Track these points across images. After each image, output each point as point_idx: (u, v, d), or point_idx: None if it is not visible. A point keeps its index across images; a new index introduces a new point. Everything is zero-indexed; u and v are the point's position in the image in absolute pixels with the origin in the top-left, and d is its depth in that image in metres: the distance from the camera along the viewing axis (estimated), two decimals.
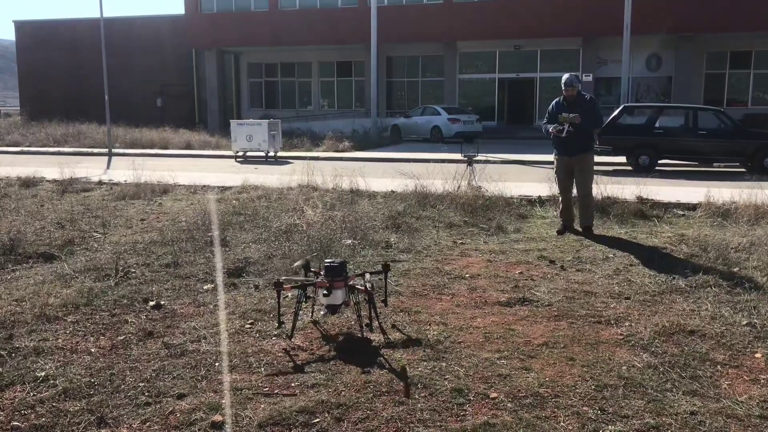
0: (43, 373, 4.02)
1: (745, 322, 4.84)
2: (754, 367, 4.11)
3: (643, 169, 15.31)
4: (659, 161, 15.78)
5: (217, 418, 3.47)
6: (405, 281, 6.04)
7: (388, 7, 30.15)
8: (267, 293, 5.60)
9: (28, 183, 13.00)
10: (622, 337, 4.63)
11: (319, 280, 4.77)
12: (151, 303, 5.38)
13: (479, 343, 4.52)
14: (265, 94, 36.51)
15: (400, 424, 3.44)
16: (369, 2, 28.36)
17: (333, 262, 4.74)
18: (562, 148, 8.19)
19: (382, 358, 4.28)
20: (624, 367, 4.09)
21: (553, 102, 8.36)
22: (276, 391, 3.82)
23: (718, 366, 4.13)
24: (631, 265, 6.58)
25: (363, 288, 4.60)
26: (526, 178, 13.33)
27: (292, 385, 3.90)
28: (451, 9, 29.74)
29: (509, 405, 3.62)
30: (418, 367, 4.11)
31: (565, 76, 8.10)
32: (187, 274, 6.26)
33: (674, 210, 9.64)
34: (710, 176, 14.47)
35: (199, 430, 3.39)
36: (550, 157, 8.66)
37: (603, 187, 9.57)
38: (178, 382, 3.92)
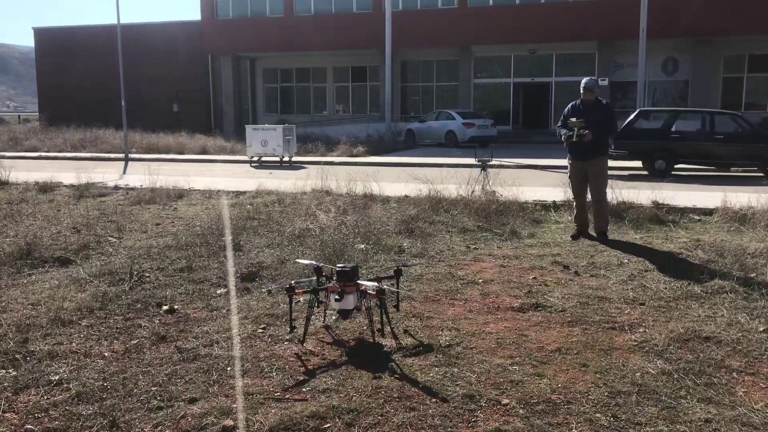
0: (57, 377, 4.05)
1: (761, 329, 4.77)
2: None
3: (659, 173, 15.19)
4: (675, 166, 15.65)
5: (228, 422, 3.48)
6: (417, 286, 6.03)
7: (403, 12, 30.20)
8: (280, 298, 5.61)
9: (45, 188, 13.13)
10: (636, 343, 4.58)
11: (331, 284, 4.77)
12: (165, 307, 5.41)
13: (491, 349, 4.49)
14: (280, 99, 36.69)
15: (411, 430, 3.42)
16: (383, 7, 28.43)
17: (345, 267, 4.74)
18: (576, 152, 8.14)
19: (393, 364, 4.27)
20: (638, 374, 4.05)
21: (569, 105, 8.32)
22: (287, 396, 3.82)
23: (734, 373, 4.07)
24: (646, 271, 6.53)
25: (375, 293, 4.59)
26: (540, 182, 13.27)
27: (304, 390, 3.90)
28: (465, 13, 29.74)
29: (521, 411, 3.59)
30: (429, 373, 4.10)
31: (585, 79, 8.03)
32: (200, 278, 6.29)
33: (690, 215, 9.54)
34: (727, 181, 14.31)
35: None
36: (565, 162, 8.62)
37: (618, 192, 9.51)
38: (190, 387, 3.93)
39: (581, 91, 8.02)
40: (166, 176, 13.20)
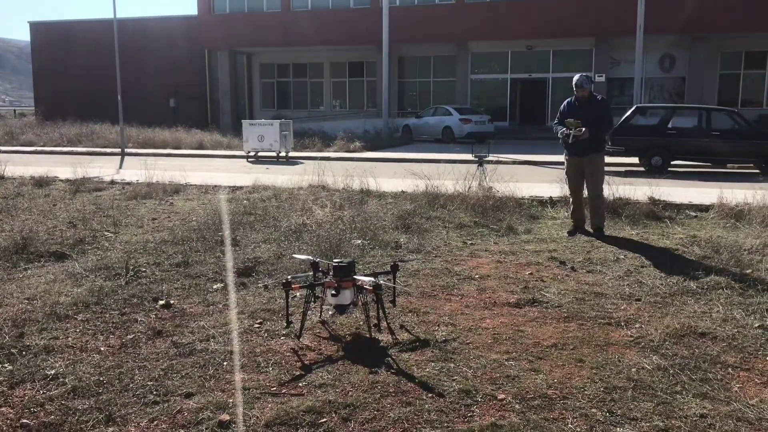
0: (52, 372, 4.04)
1: (757, 325, 4.79)
2: (765, 370, 4.07)
3: (655, 169, 15.22)
4: (672, 162, 15.66)
5: (225, 417, 3.48)
6: (414, 281, 6.03)
7: (400, 8, 30.15)
8: (276, 293, 5.61)
9: (41, 182, 13.10)
10: (632, 338, 4.59)
11: (327, 280, 4.77)
12: (161, 302, 5.40)
13: (488, 344, 4.50)
14: (277, 94, 36.61)
15: (407, 425, 3.43)
16: (381, 3, 28.39)
17: (341, 262, 4.74)
18: (573, 148, 8.14)
19: (390, 359, 4.27)
20: (633, 369, 4.06)
21: (565, 102, 8.31)
22: (283, 391, 3.82)
23: (729, 369, 4.09)
24: (642, 267, 6.54)
25: (371, 288, 4.60)
26: (537, 178, 13.27)
27: (300, 384, 3.91)
28: (462, 9, 29.69)
29: (517, 406, 3.60)
30: (426, 368, 4.10)
31: (576, 77, 8.04)
32: (197, 273, 6.29)
33: (686, 211, 9.56)
34: (724, 177, 14.35)
35: (206, 429, 3.40)
36: (562, 158, 8.62)
37: (615, 188, 9.52)
38: (186, 381, 3.93)
39: (574, 89, 8.03)
40: (163, 171, 13.17)
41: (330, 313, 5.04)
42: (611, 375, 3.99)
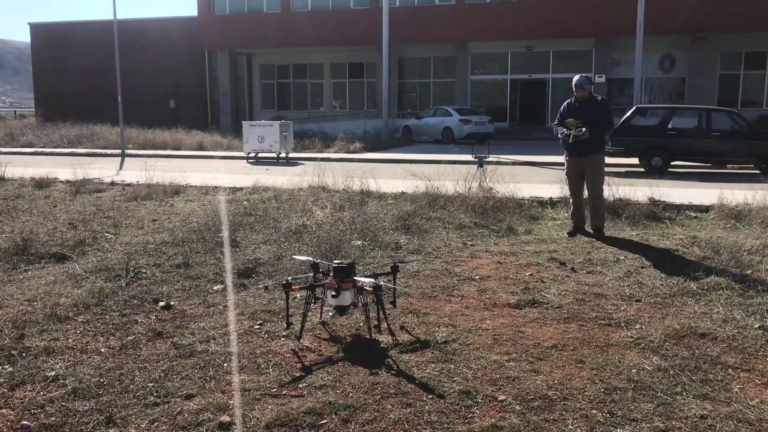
0: (53, 373, 4.04)
1: (757, 326, 4.79)
2: (766, 371, 4.07)
3: (655, 170, 15.22)
4: (672, 163, 15.66)
5: (225, 418, 3.48)
6: (414, 282, 6.03)
7: (400, 9, 30.17)
8: (276, 294, 5.61)
9: (41, 184, 13.10)
10: (632, 339, 4.59)
11: (327, 281, 4.77)
12: (161, 303, 5.40)
13: (488, 345, 4.50)
14: (277, 95, 36.64)
15: (407, 426, 3.43)
16: (380, 3, 28.41)
17: (342, 263, 4.74)
18: (573, 149, 8.14)
19: (390, 360, 4.27)
20: (634, 370, 4.06)
21: (565, 103, 8.32)
22: (284, 392, 3.82)
23: (730, 369, 4.09)
24: (642, 267, 6.54)
25: (371, 289, 4.59)
26: (537, 179, 13.28)
27: (300, 386, 3.91)
28: (462, 10, 29.71)
29: (517, 407, 3.60)
30: (426, 369, 4.10)
31: (576, 77, 8.05)
32: (197, 274, 6.29)
33: (687, 212, 9.56)
34: (724, 178, 14.35)
35: (206, 430, 3.40)
36: (562, 158, 8.62)
37: (615, 189, 9.52)
38: (186, 383, 3.93)
39: (574, 90, 8.04)
40: (163, 172, 13.18)
41: (330, 314, 5.04)
42: (611, 376, 3.99)
